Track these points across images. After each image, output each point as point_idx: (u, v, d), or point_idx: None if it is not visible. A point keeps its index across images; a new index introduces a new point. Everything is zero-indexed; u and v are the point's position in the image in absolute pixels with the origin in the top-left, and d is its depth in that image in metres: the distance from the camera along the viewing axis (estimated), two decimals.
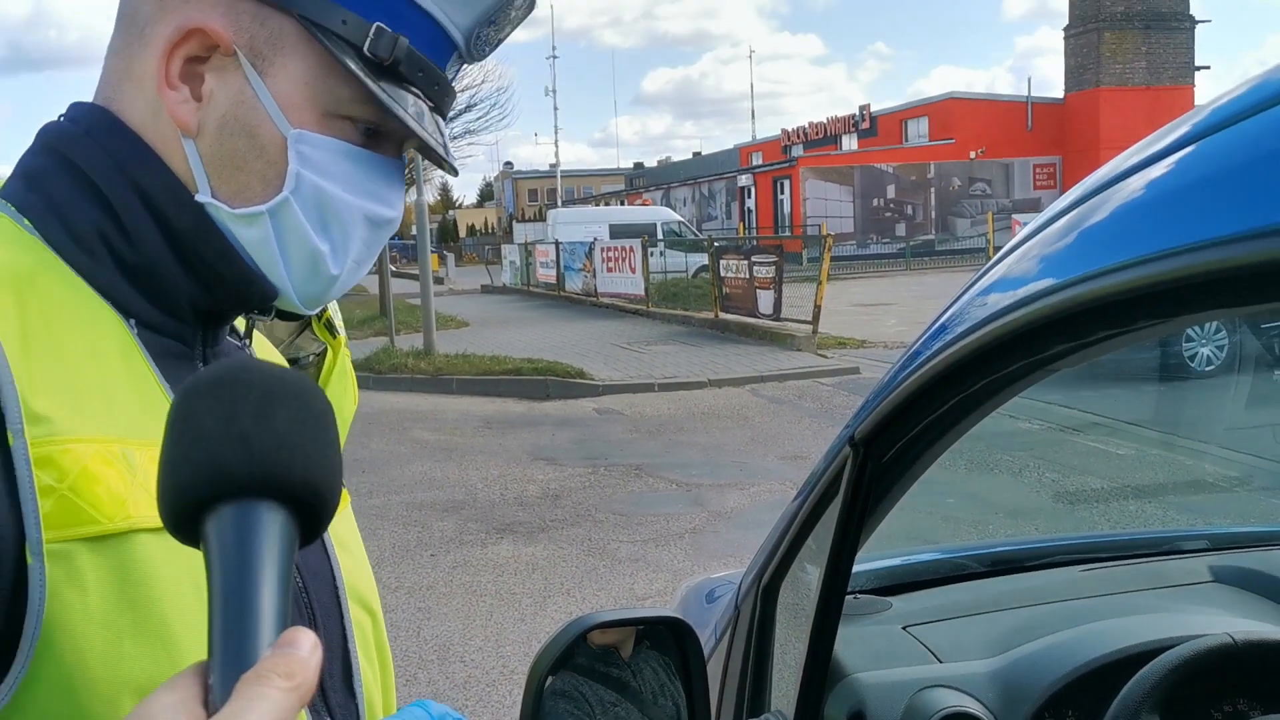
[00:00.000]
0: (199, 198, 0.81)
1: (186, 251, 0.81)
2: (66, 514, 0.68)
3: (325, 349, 1.76)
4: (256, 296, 0.85)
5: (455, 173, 0.95)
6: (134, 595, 0.69)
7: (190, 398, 0.55)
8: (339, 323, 1.79)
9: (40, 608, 0.67)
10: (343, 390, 1.74)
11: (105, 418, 0.73)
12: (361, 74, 0.80)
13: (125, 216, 0.79)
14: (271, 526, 0.52)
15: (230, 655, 0.48)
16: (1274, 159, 0.55)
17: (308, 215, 0.83)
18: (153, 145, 0.81)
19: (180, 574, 0.71)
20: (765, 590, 1.40)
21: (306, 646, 0.50)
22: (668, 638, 1.26)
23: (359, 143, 0.84)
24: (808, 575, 1.30)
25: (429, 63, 0.83)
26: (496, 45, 0.88)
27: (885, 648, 1.45)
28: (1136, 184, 0.69)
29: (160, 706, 0.48)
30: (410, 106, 0.83)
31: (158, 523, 0.62)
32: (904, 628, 1.49)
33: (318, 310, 0.90)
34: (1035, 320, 0.76)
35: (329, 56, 0.80)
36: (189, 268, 0.82)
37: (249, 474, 0.52)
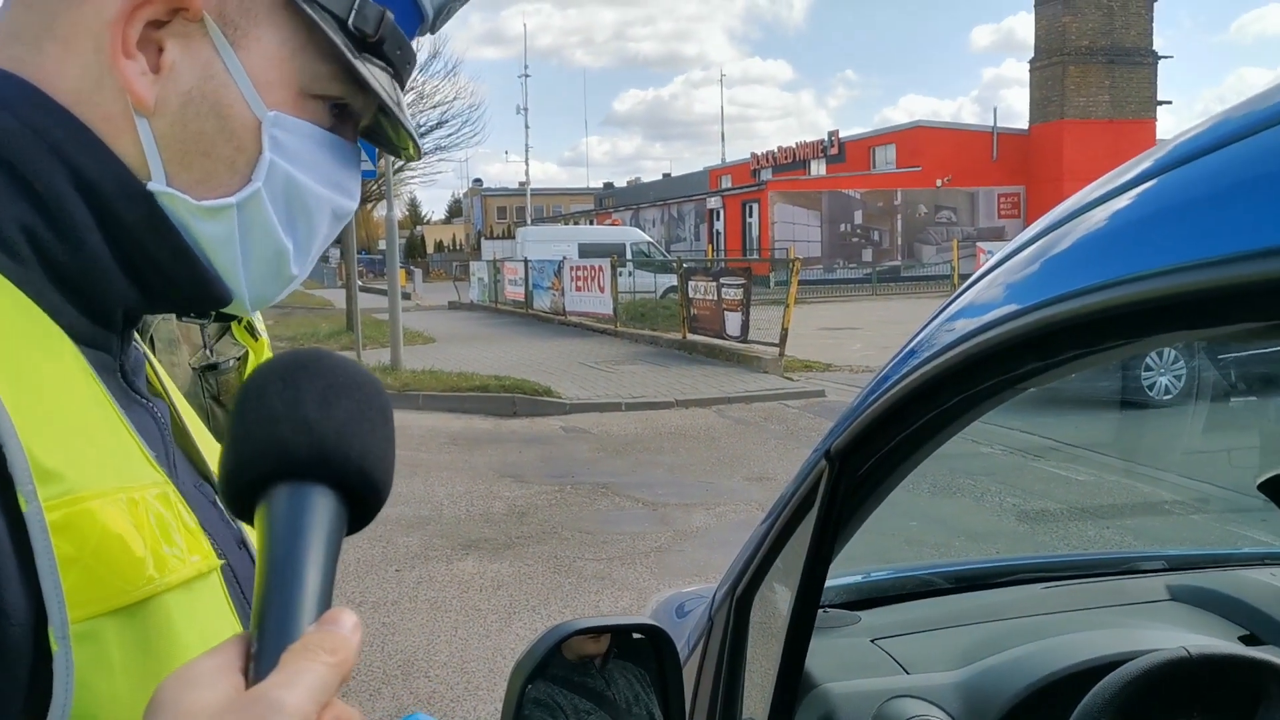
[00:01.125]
0: (151, 186, 0.69)
1: (133, 252, 0.70)
2: (92, 586, 0.57)
3: (246, 353, 1.70)
4: (209, 301, 0.75)
5: (417, 152, 0.85)
6: (158, 669, 0.58)
7: (264, 379, 0.57)
8: (260, 325, 1.77)
9: (67, 702, 0.56)
10: None
11: (103, 463, 0.62)
12: (346, 49, 0.71)
13: (59, 211, 0.66)
14: (324, 509, 0.54)
15: (276, 628, 0.51)
16: (1229, 194, 0.59)
17: (276, 209, 0.73)
18: (90, 124, 0.68)
19: (197, 637, 0.64)
20: (739, 602, 1.44)
21: (348, 625, 0.51)
22: (644, 647, 1.29)
23: (328, 125, 0.75)
24: (781, 588, 1.33)
25: (405, 38, 0.76)
26: (451, 17, 0.83)
27: (854, 659, 1.48)
28: (1101, 215, 0.73)
29: (202, 670, 0.49)
30: (383, 79, 0.75)
31: (178, 578, 0.63)
32: (872, 640, 1.53)
33: (256, 313, 0.81)
34: (1004, 341, 0.80)
35: (307, 28, 0.71)
36: (131, 270, 0.70)
37: (308, 457, 0.55)
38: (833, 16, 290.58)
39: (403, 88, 0.80)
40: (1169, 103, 40.16)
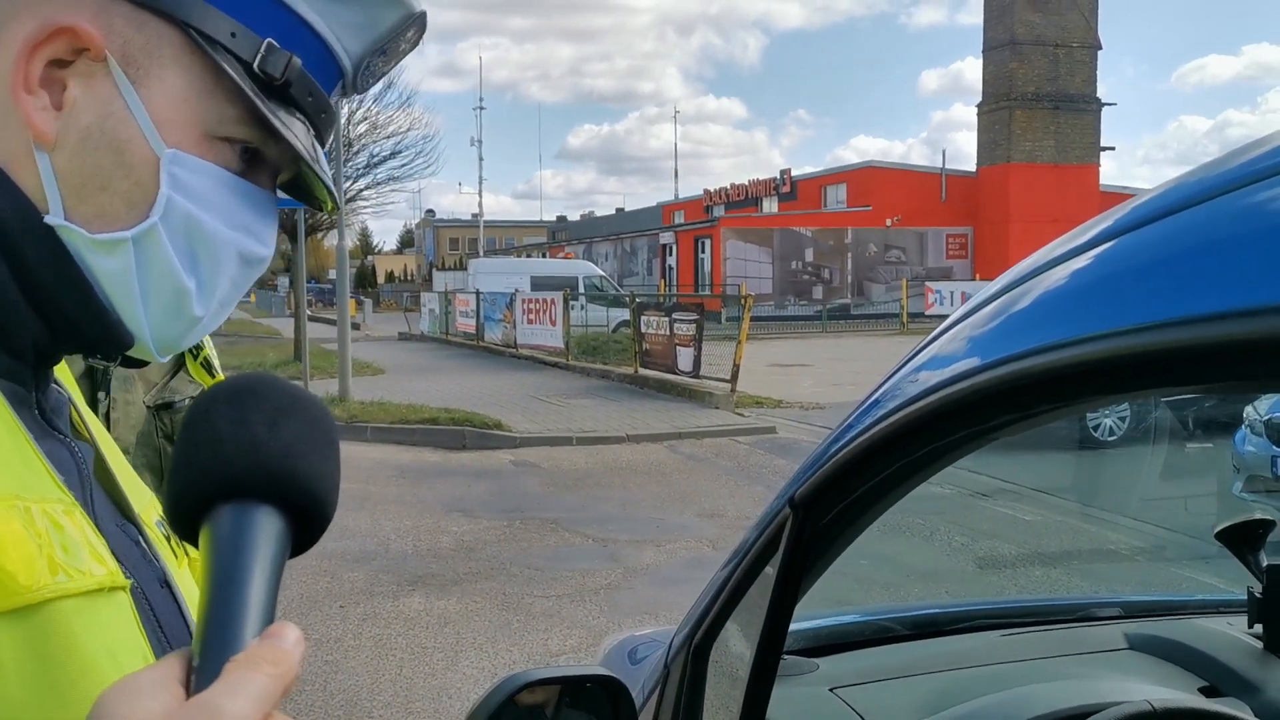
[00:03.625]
0: (49, 219, 0.70)
1: (37, 287, 0.70)
2: None
3: (202, 391, 1.69)
4: (113, 343, 0.76)
5: (337, 209, 0.89)
6: (57, 675, 0.60)
7: (210, 402, 0.58)
8: (216, 362, 1.73)
9: None
10: None
11: None
12: (251, 92, 0.72)
13: None
14: (269, 527, 0.55)
15: (218, 642, 0.51)
16: (1182, 257, 0.61)
17: (176, 246, 0.73)
18: None
19: (102, 649, 0.63)
20: (697, 650, 1.40)
21: (291, 639, 0.52)
22: (599, 697, 1.26)
23: (237, 170, 0.75)
24: (741, 635, 1.30)
25: (318, 87, 0.77)
26: (380, 78, 0.84)
27: (813, 709, 1.45)
28: (1061, 273, 0.75)
29: (143, 681, 0.50)
30: (296, 129, 0.76)
31: (78, 588, 0.63)
32: (831, 689, 1.50)
33: (168, 359, 0.79)
34: (970, 394, 0.80)
35: (214, 71, 0.72)
36: (36, 306, 0.71)
37: (254, 477, 0.56)
38: (786, 58, 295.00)
39: (323, 143, 0.81)
40: (1112, 148, 41.26)
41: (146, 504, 0.82)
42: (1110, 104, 41.97)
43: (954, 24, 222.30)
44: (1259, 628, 1.49)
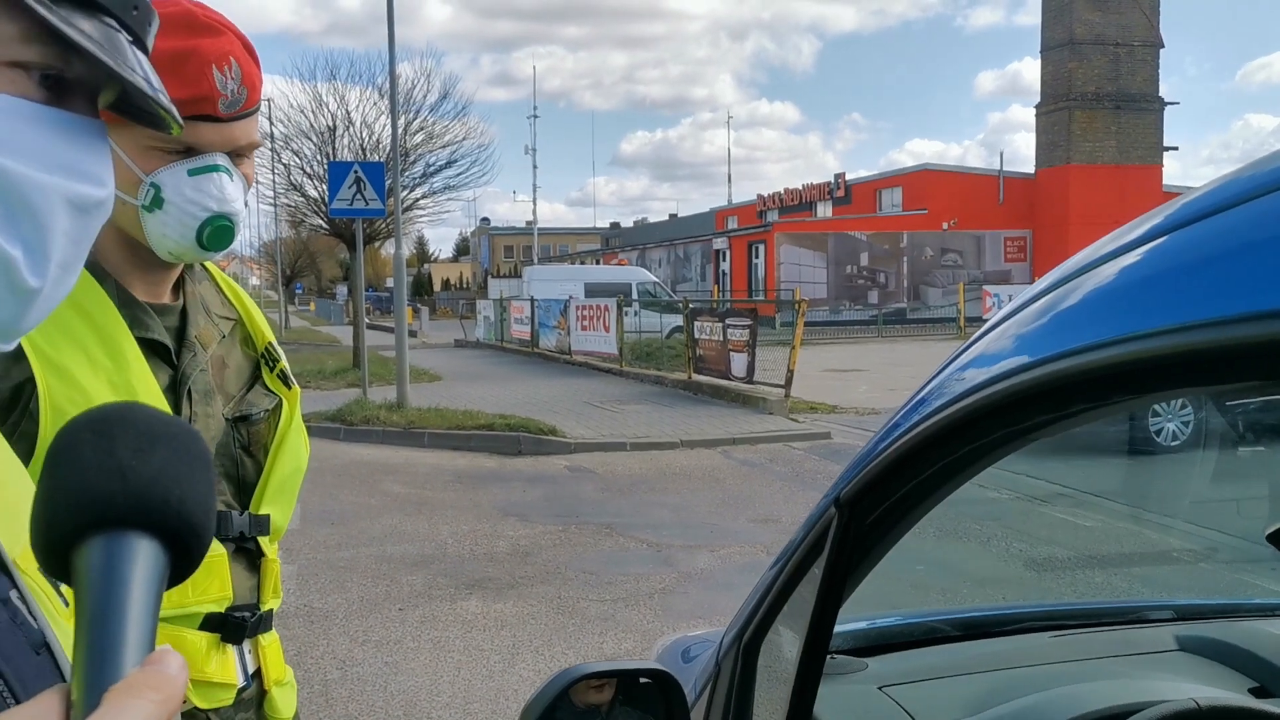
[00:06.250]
0: None
1: None
2: None
3: (279, 403, 1.71)
4: None
5: (177, 125, 0.69)
6: None
7: (73, 432, 0.55)
8: (289, 373, 1.77)
9: None
10: (300, 441, 1.72)
11: None
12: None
13: None
14: (143, 555, 0.53)
15: (96, 673, 0.49)
16: (1234, 254, 0.60)
17: None
18: None
19: None
20: (747, 648, 1.43)
21: (175, 665, 0.49)
22: (652, 692, 1.29)
23: (40, 98, 0.62)
24: (788, 634, 1.33)
25: None
26: None
27: (862, 707, 1.48)
28: (1110, 270, 0.75)
29: (18, 718, 0.48)
30: (99, 35, 0.61)
31: None
32: (880, 688, 1.53)
33: (14, 344, 0.67)
34: (1014, 394, 0.81)
35: None
36: None
37: (124, 504, 0.53)
38: (840, 61, 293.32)
39: (145, 48, 0.67)
40: (1175, 148, 40.56)
41: (27, 543, 0.68)
42: (1173, 103, 41.09)
43: (1011, 25, 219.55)
44: None
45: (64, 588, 0.70)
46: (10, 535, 0.67)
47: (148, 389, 1.48)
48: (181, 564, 0.55)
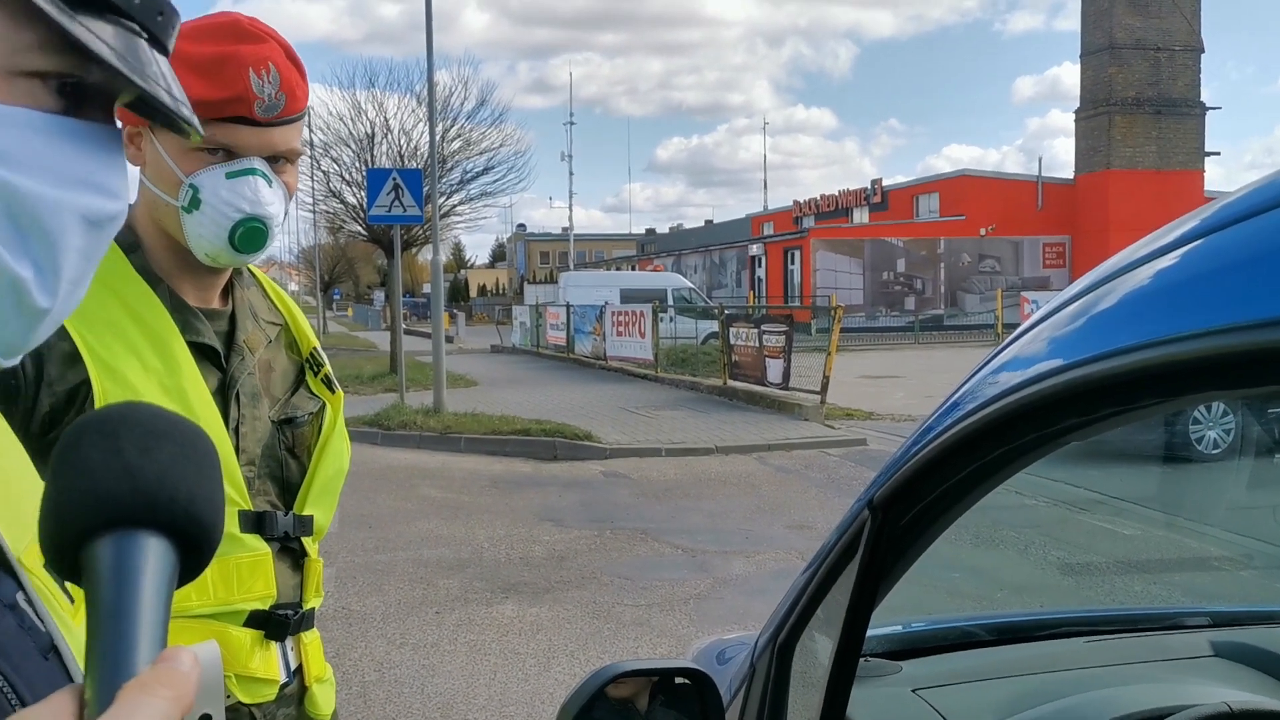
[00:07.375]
0: None
1: None
2: None
3: (323, 406, 1.74)
4: None
5: (196, 132, 0.67)
6: None
7: (78, 433, 0.55)
8: (333, 378, 1.80)
9: None
10: (343, 445, 1.75)
11: None
12: (49, 6, 0.55)
13: None
14: (153, 554, 0.53)
15: (110, 671, 0.49)
16: (1270, 257, 0.61)
17: None
18: None
19: None
20: (781, 650, 1.45)
21: (187, 662, 0.49)
22: (688, 691, 1.31)
23: (56, 107, 0.60)
24: (822, 637, 1.35)
25: None
26: None
27: (895, 709, 1.49)
28: (1145, 274, 0.75)
29: (33, 716, 0.48)
30: (120, 43, 0.59)
31: None
32: (914, 691, 1.54)
33: (18, 359, 0.65)
34: (1047, 396, 0.82)
35: None
36: None
37: (132, 504, 0.53)
38: (877, 67, 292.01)
39: (166, 51, 0.64)
40: (1217, 154, 40.28)
41: (31, 542, 0.65)
42: (1215, 108, 40.63)
43: (1050, 30, 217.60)
44: None
45: (70, 585, 0.69)
46: (16, 533, 0.66)
47: (198, 392, 1.52)
48: (191, 561, 0.55)
